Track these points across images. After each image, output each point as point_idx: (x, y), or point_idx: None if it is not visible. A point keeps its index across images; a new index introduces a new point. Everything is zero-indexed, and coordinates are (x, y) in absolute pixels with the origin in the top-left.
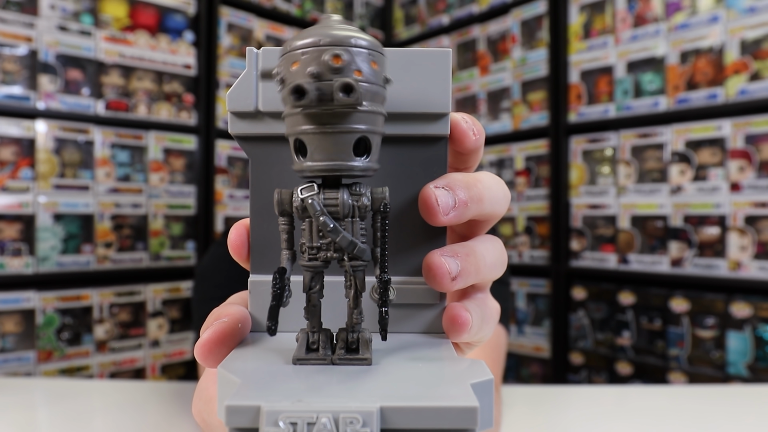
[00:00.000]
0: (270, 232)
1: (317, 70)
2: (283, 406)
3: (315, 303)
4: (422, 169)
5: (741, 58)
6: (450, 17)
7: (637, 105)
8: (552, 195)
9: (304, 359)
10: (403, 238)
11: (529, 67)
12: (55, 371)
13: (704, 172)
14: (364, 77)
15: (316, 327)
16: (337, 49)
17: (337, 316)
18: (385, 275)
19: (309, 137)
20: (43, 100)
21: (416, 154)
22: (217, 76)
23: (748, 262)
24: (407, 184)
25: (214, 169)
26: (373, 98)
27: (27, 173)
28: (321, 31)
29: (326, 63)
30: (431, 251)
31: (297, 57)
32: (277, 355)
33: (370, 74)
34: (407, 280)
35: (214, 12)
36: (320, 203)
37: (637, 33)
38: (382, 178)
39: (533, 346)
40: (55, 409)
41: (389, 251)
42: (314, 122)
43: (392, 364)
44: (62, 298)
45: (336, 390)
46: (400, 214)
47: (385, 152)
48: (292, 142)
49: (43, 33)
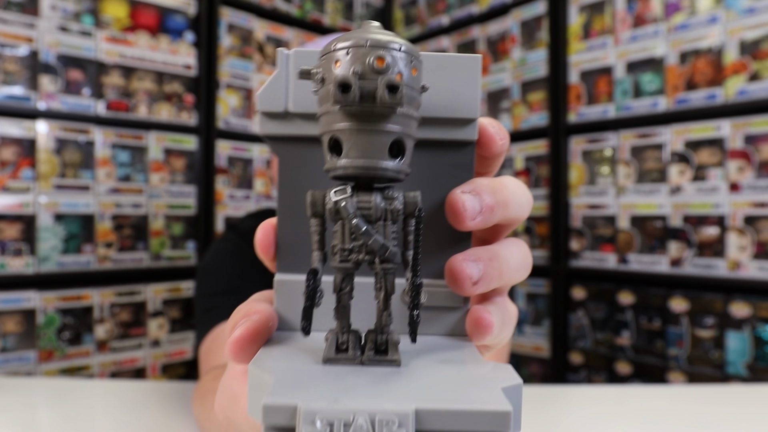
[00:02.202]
0: (297, 232)
1: (360, 69)
2: (320, 406)
3: (345, 304)
4: (449, 173)
5: (740, 59)
6: (450, 18)
7: (636, 105)
8: (551, 195)
9: (333, 359)
10: (428, 242)
11: (528, 68)
12: (55, 371)
13: (703, 172)
14: (405, 81)
15: (346, 327)
16: (380, 51)
17: (366, 318)
18: (417, 279)
19: (346, 134)
20: (44, 101)
21: (443, 158)
22: (217, 77)
23: (747, 262)
24: (434, 188)
25: (215, 170)
26: (410, 102)
27: (28, 173)
28: (363, 35)
29: (370, 64)
30: (453, 256)
31: (339, 57)
32: (305, 354)
33: (410, 79)
34: (432, 282)
35: (214, 12)
36: (353, 206)
37: (637, 33)
38: (410, 181)
39: (533, 345)
40: (56, 409)
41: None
42: (353, 120)
43: (421, 367)
44: (63, 298)
45: (370, 391)
46: (425, 218)
47: (412, 156)
48: (326, 141)
49: (44, 33)
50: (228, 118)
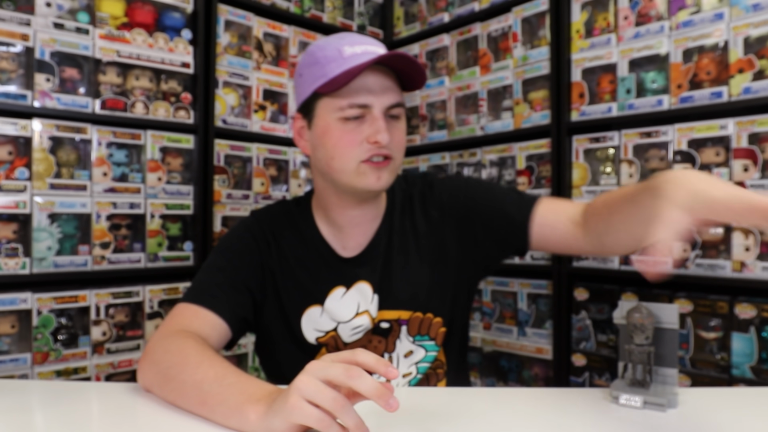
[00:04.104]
0: None
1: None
2: None
3: None
4: None
5: (745, 56)
6: (451, 15)
7: (639, 104)
8: (554, 194)
9: None
10: None
11: (530, 66)
12: (51, 373)
13: (708, 171)
14: None
15: None
16: None
17: None
18: None
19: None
20: (39, 99)
21: None
22: (215, 75)
23: (752, 262)
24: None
25: (213, 169)
26: None
27: (23, 173)
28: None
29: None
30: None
31: None
32: None
33: None
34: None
35: (212, 10)
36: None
37: (640, 31)
38: None
39: (535, 347)
40: (51, 413)
41: None
42: None
43: None
44: (58, 299)
45: None
46: None
47: None
48: None
49: (39, 31)
50: (226, 116)
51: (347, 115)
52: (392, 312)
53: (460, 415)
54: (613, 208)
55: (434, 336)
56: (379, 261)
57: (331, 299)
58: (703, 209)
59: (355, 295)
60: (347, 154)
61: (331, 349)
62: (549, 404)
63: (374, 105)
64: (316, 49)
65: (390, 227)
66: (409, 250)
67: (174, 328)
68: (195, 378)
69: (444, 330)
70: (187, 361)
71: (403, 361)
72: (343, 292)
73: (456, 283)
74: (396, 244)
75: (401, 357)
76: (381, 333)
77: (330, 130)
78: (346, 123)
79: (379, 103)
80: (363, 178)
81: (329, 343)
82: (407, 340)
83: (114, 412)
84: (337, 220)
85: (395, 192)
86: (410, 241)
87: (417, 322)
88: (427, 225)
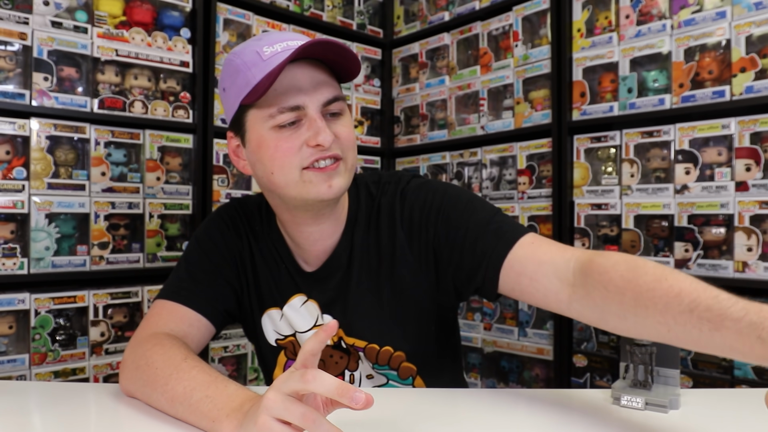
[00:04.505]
0: None
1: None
2: None
3: None
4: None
5: (748, 55)
6: (451, 14)
7: (641, 103)
8: (555, 194)
9: None
10: None
11: (531, 65)
12: (49, 374)
13: (710, 171)
14: None
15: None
16: None
17: None
18: None
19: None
20: (37, 98)
21: None
22: (214, 74)
23: (754, 262)
24: None
25: (212, 169)
26: None
27: (21, 172)
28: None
29: None
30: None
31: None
32: None
33: None
34: None
35: (211, 8)
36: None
37: (642, 29)
38: None
39: (536, 348)
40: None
41: None
42: None
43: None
44: (56, 299)
45: None
46: None
47: None
48: None
49: (37, 29)
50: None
51: (279, 122)
52: (348, 338)
53: (460, 416)
54: (660, 307)
55: (395, 367)
56: (334, 281)
57: (290, 307)
58: None
59: (313, 308)
60: (287, 165)
61: (290, 353)
62: (550, 405)
63: (307, 104)
64: (234, 57)
65: (351, 243)
66: (370, 273)
67: (148, 332)
68: (165, 397)
69: (408, 365)
70: (156, 379)
71: (366, 381)
72: (303, 301)
73: (419, 316)
74: (356, 264)
75: (364, 378)
76: (342, 350)
77: (264, 142)
78: (280, 131)
79: (313, 101)
80: (311, 188)
81: (287, 346)
82: (368, 364)
83: (112, 413)
84: (294, 237)
85: (360, 200)
86: (372, 262)
87: (374, 352)
88: (391, 246)
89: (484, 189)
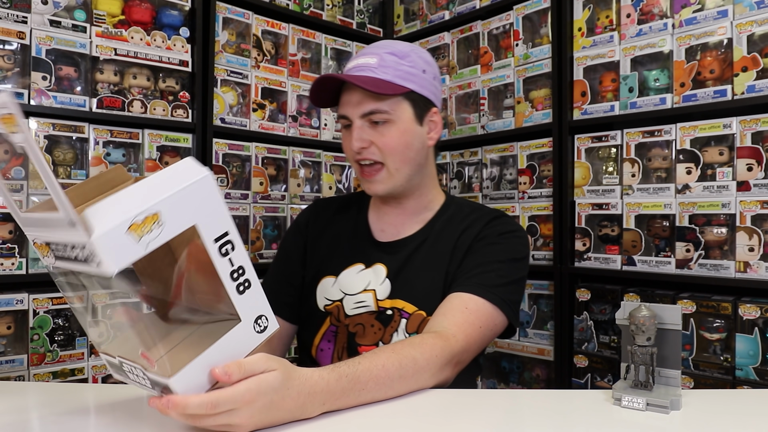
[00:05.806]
0: None
1: None
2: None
3: None
4: None
5: (749, 54)
6: (451, 13)
7: (642, 102)
8: (555, 194)
9: None
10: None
11: (532, 64)
12: (47, 375)
13: (711, 170)
14: None
15: None
16: None
17: None
18: None
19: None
20: (36, 97)
21: None
22: (214, 73)
23: (756, 263)
24: None
25: (211, 168)
26: None
27: (19, 172)
28: None
29: None
30: None
31: None
32: None
33: None
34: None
35: (210, 7)
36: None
37: (643, 28)
38: None
39: (536, 348)
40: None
41: None
42: None
43: None
44: (55, 299)
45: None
46: None
47: None
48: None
49: (36, 28)
50: (224, 115)
51: (341, 124)
52: (400, 302)
53: (460, 416)
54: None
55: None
56: (405, 254)
57: (347, 273)
58: None
59: (370, 274)
60: (348, 157)
61: (334, 318)
62: (550, 406)
63: (350, 114)
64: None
65: (429, 232)
66: (436, 254)
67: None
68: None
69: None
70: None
71: None
72: (360, 269)
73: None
74: (427, 246)
75: None
76: (382, 321)
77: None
78: (343, 131)
79: (355, 112)
80: (362, 183)
81: (333, 311)
82: (404, 335)
83: (111, 413)
84: (379, 209)
85: (451, 205)
86: (441, 248)
87: (418, 319)
88: (456, 243)
89: (484, 189)
